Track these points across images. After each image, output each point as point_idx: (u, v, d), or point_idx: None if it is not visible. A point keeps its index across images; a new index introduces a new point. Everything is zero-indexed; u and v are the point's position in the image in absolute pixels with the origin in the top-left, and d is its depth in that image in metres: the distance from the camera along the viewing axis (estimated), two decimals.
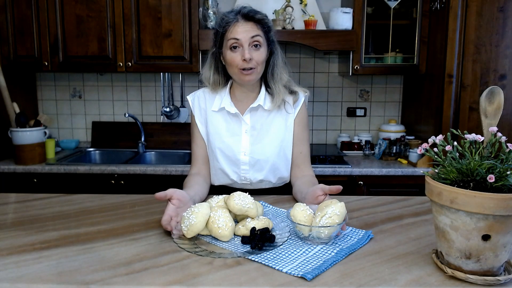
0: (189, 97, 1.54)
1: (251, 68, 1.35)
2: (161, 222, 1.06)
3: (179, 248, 0.98)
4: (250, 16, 1.35)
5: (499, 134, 0.83)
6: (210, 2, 2.53)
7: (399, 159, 2.60)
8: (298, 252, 0.96)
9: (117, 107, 3.03)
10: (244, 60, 1.33)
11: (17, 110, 2.48)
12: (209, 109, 1.49)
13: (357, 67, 2.57)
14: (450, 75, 2.27)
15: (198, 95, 1.53)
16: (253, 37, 1.34)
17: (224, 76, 1.48)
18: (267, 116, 1.47)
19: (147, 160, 2.88)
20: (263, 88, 1.47)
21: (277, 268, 0.88)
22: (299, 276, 0.84)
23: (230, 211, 1.09)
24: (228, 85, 1.49)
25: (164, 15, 2.54)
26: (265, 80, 1.46)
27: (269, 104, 1.45)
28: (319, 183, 1.51)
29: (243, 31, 1.33)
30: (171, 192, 1.11)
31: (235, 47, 1.34)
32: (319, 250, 0.97)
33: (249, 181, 1.48)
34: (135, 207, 1.31)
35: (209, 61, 1.47)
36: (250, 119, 1.47)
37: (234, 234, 1.07)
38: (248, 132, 1.46)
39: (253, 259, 0.92)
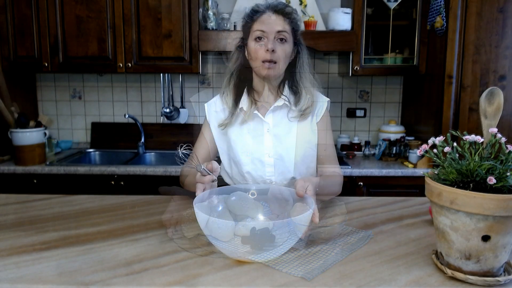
0: (206, 105, 1.52)
1: (272, 62, 1.32)
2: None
3: (179, 248, 0.98)
4: (279, 9, 1.34)
5: (499, 135, 0.83)
6: (210, 3, 2.53)
7: (399, 159, 2.61)
8: (298, 252, 0.96)
9: (117, 108, 3.03)
10: (267, 50, 1.30)
11: (17, 111, 2.48)
12: (226, 111, 1.45)
13: (357, 68, 2.57)
14: (450, 76, 2.27)
15: (214, 101, 1.50)
16: (279, 32, 1.32)
17: (238, 96, 1.45)
18: (290, 117, 1.42)
19: (147, 161, 2.88)
20: (286, 88, 1.43)
21: (277, 268, 0.88)
22: (299, 276, 0.84)
23: (230, 211, 1.09)
24: (246, 89, 1.45)
25: (164, 15, 2.54)
26: (290, 80, 1.43)
27: (293, 105, 1.41)
28: None
29: (270, 23, 1.32)
30: (216, 167, 1.11)
31: (260, 38, 1.33)
32: (319, 250, 0.97)
33: (274, 183, 1.42)
34: (135, 208, 1.31)
35: (228, 79, 1.44)
36: (273, 118, 1.42)
37: (234, 234, 1.07)
38: (270, 131, 1.42)
39: (253, 259, 0.92)
